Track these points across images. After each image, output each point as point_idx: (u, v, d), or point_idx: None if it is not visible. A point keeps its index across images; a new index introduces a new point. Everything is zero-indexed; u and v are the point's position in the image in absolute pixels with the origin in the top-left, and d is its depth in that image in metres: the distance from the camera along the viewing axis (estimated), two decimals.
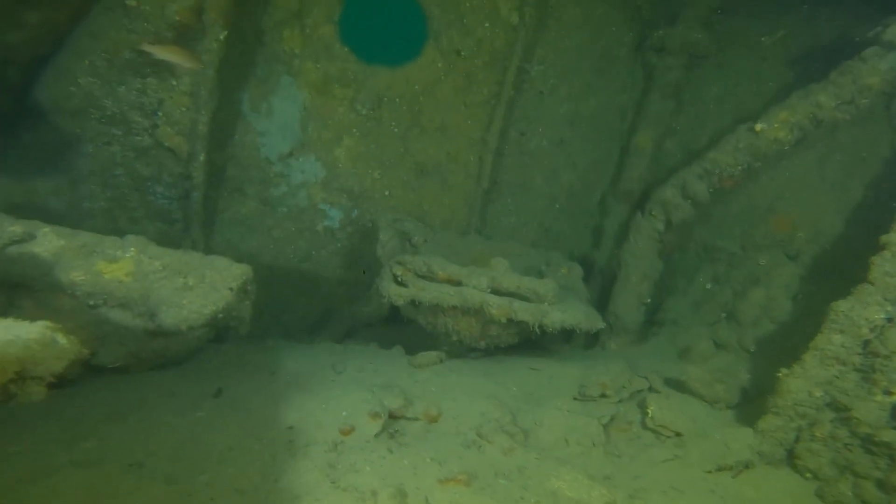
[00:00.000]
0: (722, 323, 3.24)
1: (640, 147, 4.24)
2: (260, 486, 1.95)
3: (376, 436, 2.47)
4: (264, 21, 3.87)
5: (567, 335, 3.65)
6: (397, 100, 4.23)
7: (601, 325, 3.29)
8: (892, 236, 2.19)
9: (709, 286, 3.46)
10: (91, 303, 2.26)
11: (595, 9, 4.32)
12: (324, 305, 4.22)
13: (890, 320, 2.12)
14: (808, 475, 2.36)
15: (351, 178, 4.27)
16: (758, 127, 3.09)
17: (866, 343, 2.16)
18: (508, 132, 4.40)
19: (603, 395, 3.04)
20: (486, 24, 4.14)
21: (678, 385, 3.02)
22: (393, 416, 2.66)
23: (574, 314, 3.19)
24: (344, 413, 2.55)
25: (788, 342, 2.63)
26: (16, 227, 2.20)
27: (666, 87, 4.15)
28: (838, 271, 2.48)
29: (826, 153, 3.04)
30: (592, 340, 4.03)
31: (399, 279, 3.30)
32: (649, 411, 2.79)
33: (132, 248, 2.43)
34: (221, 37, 3.36)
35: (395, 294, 3.19)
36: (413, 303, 3.24)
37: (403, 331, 3.84)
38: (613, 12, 4.32)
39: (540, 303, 3.19)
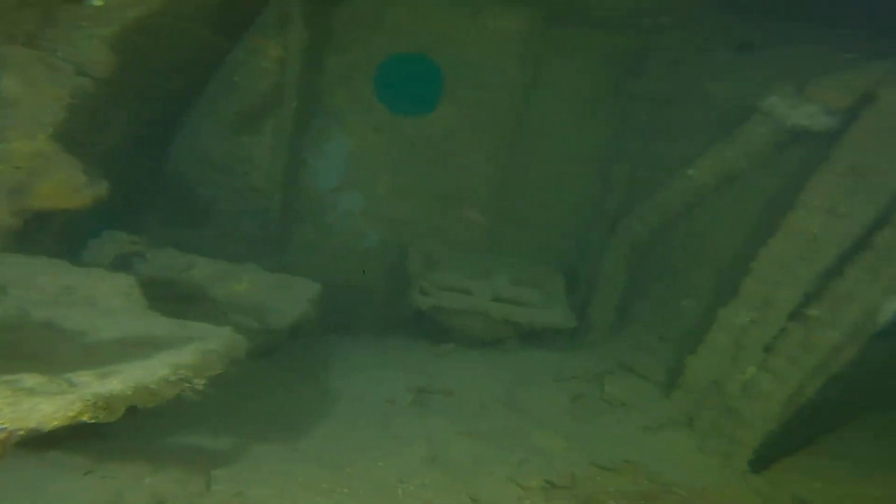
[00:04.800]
0: (669, 322, 4.23)
1: (616, 177, 5.17)
2: (349, 434, 3.05)
3: (409, 404, 3.57)
4: (322, 84, 4.96)
5: (559, 331, 4.67)
6: (423, 144, 5.30)
7: (573, 324, 4.36)
8: (754, 264, 3.14)
9: (661, 294, 4.42)
10: (227, 312, 3.45)
11: (580, 61, 5.25)
12: (367, 309, 5.35)
13: (752, 322, 3.10)
14: (697, 434, 3.33)
15: (386, 208, 5.38)
16: (690, 172, 4.03)
17: (737, 339, 3.14)
18: (514, 168, 5.40)
19: (575, 377, 4.11)
20: (495, 81, 5.14)
21: (630, 369, 4.08)
22: (421, 391, 3.78)
23: (553, 316, 4.26)
24: (388, 387, 3.70)
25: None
26: (183, 259, 3.41)
27: (636, 128, 5.03)
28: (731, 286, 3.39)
29: (741, 195, 3.91)
30: (578, 335, 5.03)
31: (424, 290, 4.44)
32: (606, 388, 3.85)
33: (248, 273, 3.62)
34: (294, 105, 4.50)
35: (422, 302, 4.34)
36: (434, 308, 4.38)
37: (427, 328, 4.96)
38: (596, 64, 5.25)
39: (530, 307, 4.26)
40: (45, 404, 1.45)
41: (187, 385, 1.95)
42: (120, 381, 1.72)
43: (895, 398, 3.64)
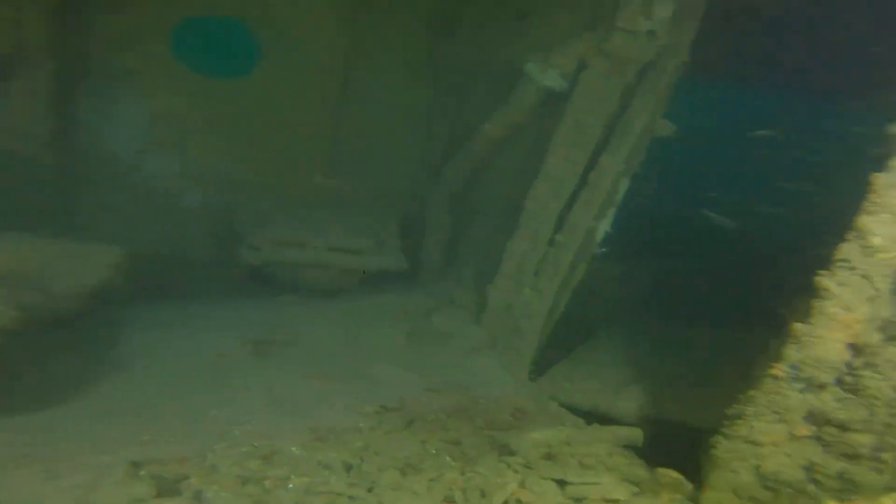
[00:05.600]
0: (482, 259, 5.00)
1: (437, 133, 5.65)
2: (176, 389, 3.00)
3: (247, 356, 3.62)
4: (96, 44, 4.31)
5: (395, 274, 5.08)
6: (246, 104, 4.97)
7: (405, 266, 4.83)
8: (526, 202, 3.95)
9: (477, 234, 5.19)
10: None
11: (401, 24, 5.45)
12: (194, 271, 4.96)
13: (528, 251, 3.94)
14: (498, 353, 4.06)
15: (207, 169, 4.98)
16: (486, 127, 4.71)
17: (519, 266, 3.97)
18: (346, 126, 5.44)
19: (409, 315, 4.63)
20: (314, 43, 5.02)
21: (453, 303, 4.76)
22: (259, 343, 3.80)
23: (385, 260, 4.65)
24: (219, 343, 3.64)
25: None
26: None
27: (452, 87, 5.52)
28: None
29: (523, 145, 4.74)
30: (414, 277, 5.54)
31: (255, 246, 4.35)
32: (433, 322, 4.44)
33: (10, 242, 3.06)
34: (49, 66, 3.81)
35: (253, 258, 4.26)
36: (267, 262, 4.35)
37: (267, 284, 4.89)
38: (415, 27, 5.54)
39: (363, 254, 4.56)
40: None
41: None
42: None
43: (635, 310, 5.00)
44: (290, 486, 2.14)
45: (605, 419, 3.25)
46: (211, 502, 1.90)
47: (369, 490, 2.18)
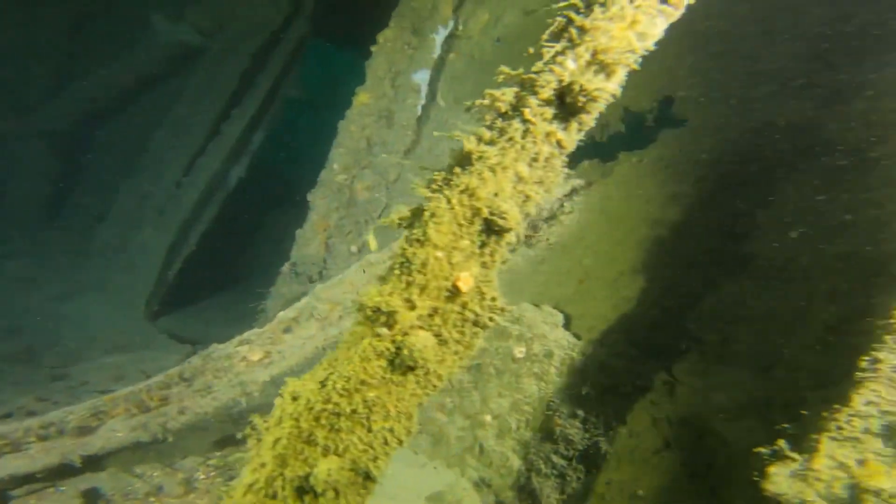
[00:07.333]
0: (104, 202, 4.39)
1: (36, 71, 4.58)
2: None
3: None
4: None
5: None
6: None
7: None
8: (149, 144, 3.84)
9: (102, 178, 4.56)
10: None
11: None
12: None
13: (149, 191, 3.79)
14: (108, 294, 3.84)
15: None
16: (102, 72, 4.29)
17: (138, 205, 3.79)
18: None
19: None
20: None
21: (47, 245, 4.04)
22: None
23: None
24: None
25: None
26: None
27: (58, 27, 4.62)
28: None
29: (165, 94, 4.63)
30: None
31: None
32: (8, 267, 3.63)
33: None
34: None
35: None
36: None
37: None
38: None
39: None
40: None
41: None
42: None
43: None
44: None
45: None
46: None
47: None
